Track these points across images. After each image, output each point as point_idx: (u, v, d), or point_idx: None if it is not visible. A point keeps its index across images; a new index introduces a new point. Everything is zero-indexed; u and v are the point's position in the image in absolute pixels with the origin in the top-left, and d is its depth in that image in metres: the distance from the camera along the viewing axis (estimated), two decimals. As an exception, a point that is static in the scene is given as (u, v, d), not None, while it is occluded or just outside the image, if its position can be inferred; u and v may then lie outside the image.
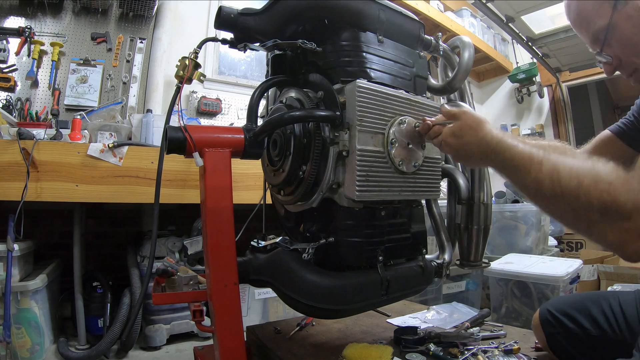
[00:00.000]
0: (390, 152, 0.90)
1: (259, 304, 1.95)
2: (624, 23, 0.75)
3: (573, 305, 1.02)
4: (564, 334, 1.00)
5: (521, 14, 2.79)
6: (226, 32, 0.99)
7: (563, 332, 1.00)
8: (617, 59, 0.81)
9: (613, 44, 0.79)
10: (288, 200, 1.02)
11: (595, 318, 0.97)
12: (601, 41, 0.79)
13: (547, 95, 4.14)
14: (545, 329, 1.04)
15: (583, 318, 0.98)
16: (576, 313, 1.00)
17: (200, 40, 0.99)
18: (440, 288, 1.97)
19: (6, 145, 1.41)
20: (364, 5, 0.93)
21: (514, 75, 4.06)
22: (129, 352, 1.67)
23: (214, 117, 2.67)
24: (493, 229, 1.80)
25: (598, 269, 2.25)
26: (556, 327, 1.02)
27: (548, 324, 1.04)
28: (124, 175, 1.57)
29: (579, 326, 0.98)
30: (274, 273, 0.96)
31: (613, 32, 0.76)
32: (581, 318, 0.98)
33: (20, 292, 1.47)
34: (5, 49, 2.05)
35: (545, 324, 1.04)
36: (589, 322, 0.97)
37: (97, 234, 2.22)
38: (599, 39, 0.79)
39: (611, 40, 0.78)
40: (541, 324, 1.05)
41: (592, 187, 0.58)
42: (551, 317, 1.03)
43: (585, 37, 0.84)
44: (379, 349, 1.02)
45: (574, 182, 0.60)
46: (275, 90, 1.13)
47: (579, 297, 1.08)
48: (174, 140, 0.85)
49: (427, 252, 1.08)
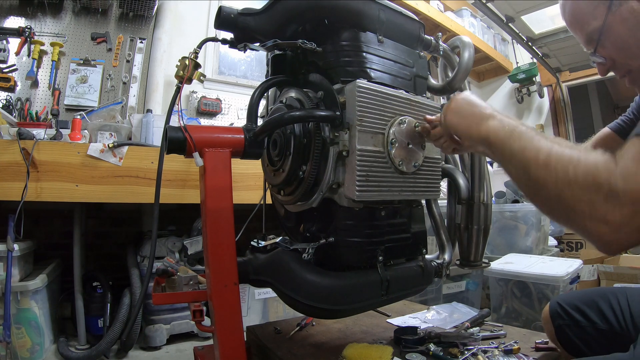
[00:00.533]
0: (390, 152, 0.90)
1: (259, 304, 1.95)
2: (618, 25, 0.74)
3: (582, 299, 1.04)
4: (573, 327, 1.02)
5: (521, 14, 2.79)
6: (226, 32, 0.99)
7: (572, 324, 1.02)
8: (610, 59, 0.81)
9: (607, 45, 0.78)
10: (288, 200, 1.02)
11: (603, 312, 0.98)
12: (595, 42, 0.79)
13: (547, 95, 4.14)
14: (555, 321, 1.05)
15: (592, 312, 1.00)
16: (585, 307, 1.01)
17: (200, 40, 0.99)
18: (440, 288, 1.97)
19: (6, 145, 1.41)
20: (364, 5, 0.93)
21: (514, 75, 4.06)
22: (129, 352, 1.67)
23: (214, 117, 2.67)
24: (493, 229, 1.80)
25: (598, 269, 2.25)
26: (565, 320, 1.03)
27: (558, 316, 1.05)
28: (124, 175, 1.57)
29: (588, 319, 1.00)
30: (274, 273, 0.96)
31: (607, 33, 0.76)
32: (590, 312, 1.00)
33: (20, 292, 1.48)
34: (5, 49, 2.05)
35: (554, 316, 1.06)
36: (598, 316, 0.99)
37: (97, 234, 2.22)
38: (593, 39, 0.79)
39: (605, 41, 0.78)
40: (551, 316, 1.07)
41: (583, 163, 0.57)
42: (561, 309, 1.05)
43: (579, 37, 0.84)
44: (379, 349, 1.02)
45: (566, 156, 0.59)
46: (275, 90, 1.13)
47: (589, 292, 1.10)
48: (174, 140, 0.85)
49: (427, 252, 1.08)
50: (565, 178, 0.58)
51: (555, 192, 0.59)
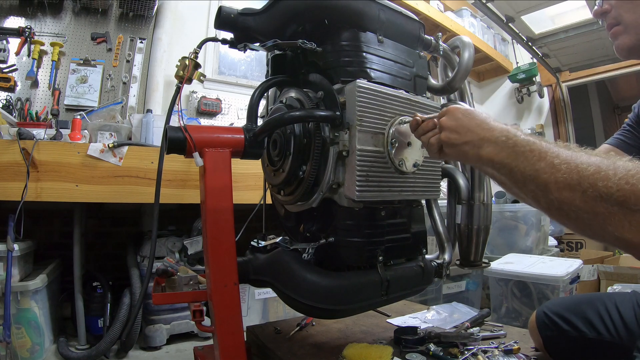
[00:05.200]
0: (390, 152, 0.90)
1: (259, 304, 1.95)
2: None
3: (569, 307, 1.02)
4: (561, 337, 1.00)
5: (521, 14, 2.79)
6: (226, 32, 0.99)
7: (559, 334, 1.00)
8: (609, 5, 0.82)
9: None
10: (288, 200, 1.02)
11: (591, 321, 0.96)
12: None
13: (547, 95, 4.14)
14: (542, 332, 1.04)
15: (579, 321, 0.98)
16: (572, 316, 0.99)
17: (200, 40, 0.99)
18: (440, 288, 1.97)
19: (6, 145, 1.41)
20: (364, 5, 0.93)
21: (514, 75, 4.06)
22: (129, 352, 1.67)
23: (214, 117, 2.67)
24: (493, 229, 1.80)
25: (598, 269, 2.25)
26: (552, 330, 1.02)
27: (544, 326, 1.04)
28: (124, 175, 1.57)
29: (575, 329, 0.98)
30: (274, 273, 0.97)
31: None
32: (577, 321, 0.98)
33: (20, 292, 1.47)
34: (5, 49, 2.05)
35: (541, 327, 1.04)
36: (585, 324, 0.97)
37: (97, 234, 2.22)
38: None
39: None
40: (537, 326, 1.05)
41: (612, 174, 0.53)
42: (547, 319, 1.03)
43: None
44: (379, 349, 1.02)
45: (592, 168, 0.55)
46: (275, 90, 1.13)
47: (576, 299, 1.08)
48: (174, 140, 0.85)
49: (427, 252, 1.08)
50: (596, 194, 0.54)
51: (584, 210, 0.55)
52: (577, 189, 0.55)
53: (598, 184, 0.54)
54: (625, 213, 0.52)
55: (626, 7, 0.78)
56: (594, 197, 0.54)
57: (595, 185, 0.54)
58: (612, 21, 0.82)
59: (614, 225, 0.53)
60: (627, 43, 0.81)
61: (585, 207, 0.55)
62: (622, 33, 0.81)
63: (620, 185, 0.52)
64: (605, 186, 0.53)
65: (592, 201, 0.54)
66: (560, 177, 0.57)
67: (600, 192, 0.53)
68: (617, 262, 2.37)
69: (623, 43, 0.81)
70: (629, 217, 0.52)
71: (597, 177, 0.54)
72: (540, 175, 0.59)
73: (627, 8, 0.78)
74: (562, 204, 0.57)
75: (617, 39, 0.82)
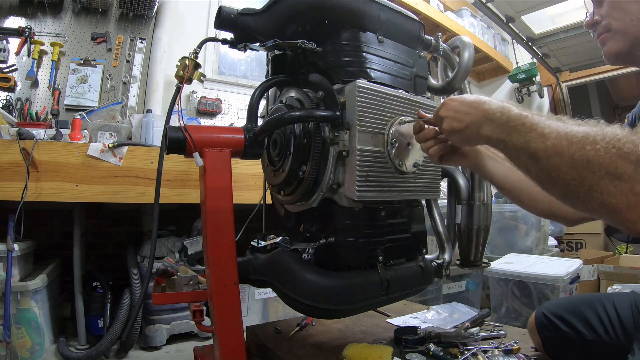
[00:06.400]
0: (390, 152, 0.90)
1: (259, 304, 1.95)
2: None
3: (568, 308, 1.02)
4: (559, 338, 1.00)
5: (521, 14, 2.79)
6: (226, 32, 0.99)
7: (558, 335, 1.00)
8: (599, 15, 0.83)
9: (604, 5, 0.82)
10: (288, 200, 1.02)
11: (589, 322, 0.97)
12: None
13: (547, 95, 4.15)
14: (541, 333, 1.04)
15: (577, 322, 0.98)
16: (571, 317, 1.00)
17: (200, 40, 0.99)
18: (440, 288, 1.97)
19: (6, 145, 1.41)
20: (364, 5, 0.93)
21: (514, 75, 4.06)
22: (129, 352, 1.67)
23: (214, 117, 2.67)
24: (493, 229, 1.80)
25: (598, 269, 2.25)
26: (551, 331, 1.02)
27: (543, 327, 1.04)
28: (124, 175, 1.57)
29: (574, 330, 0.98)
30: (274, 273, 0.97)
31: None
32: (576, 322, 0.98)
33: (20, 292, 1.47)
34: (5, 49, 2.05)
35: (540, 328, 1.05)
36: (584, 325, 0.97)
37: (97, 234, 2.22)
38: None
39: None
40: (537, 327, 1.05)
41: (600, 139, 0.53)
42: (546, 320, 1.03)
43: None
44: (379, 349, 1.02)
45: (580, 134, 0.55)
46: (275, 90, 1.13)
47: (574, 300, 1.08)
48: (174, 140, 0.85)
49: (427, 252, 1.08)
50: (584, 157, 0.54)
51: (571, 176, 0.55)
52: (565, 154, 0.56)
53: (586, 147, 0.54)
54: (612, 178, 0.52)
55: (615, 15, 0.80)
56: (582, 162, 0.54)
57: (583, 149, 0.54)
58: (602, 30, 0.84)
59: (600, 190, 0.53)
60: (614, 49, 0.82)
61: (573, 173, 0.55)
62: (610, 39, 0.82)
63: (607, 149, 0.52)
64: (593, 149, 0.53)
65: (579, 166, 0.54)
66: (550, 144, 0.57)
67: (588, 155, 0.54)
68: (617, 262, 2.37)
69: (610, 49, 0.83)
70: (615, 182, 0.52)
71: (585, 142, 0.54)
72: (531, 145, 0.60)
73: (616, 17, 0.80)
74: (551, 171, 0.57)
75: (605, 44, 0.84)
